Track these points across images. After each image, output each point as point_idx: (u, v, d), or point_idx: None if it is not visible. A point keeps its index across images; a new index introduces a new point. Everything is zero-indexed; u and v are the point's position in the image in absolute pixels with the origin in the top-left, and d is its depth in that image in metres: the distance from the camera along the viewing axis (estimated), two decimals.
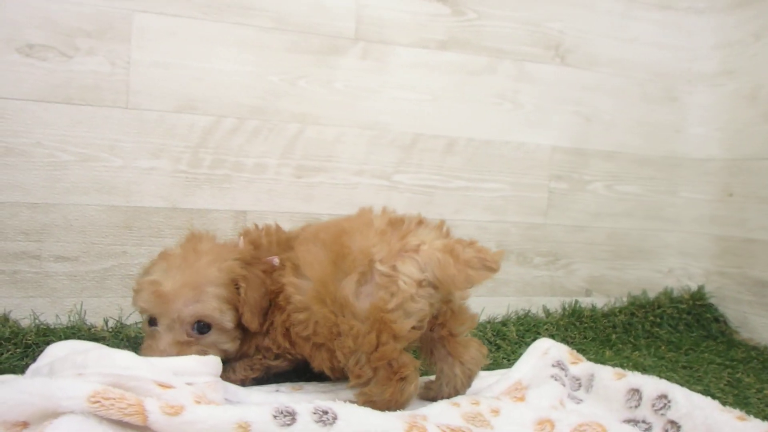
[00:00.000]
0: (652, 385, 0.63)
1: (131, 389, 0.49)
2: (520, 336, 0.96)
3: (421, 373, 0.63)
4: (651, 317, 1.09)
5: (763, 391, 0.79)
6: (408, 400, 0.61)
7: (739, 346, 1.03)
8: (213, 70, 0.90)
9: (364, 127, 0.99)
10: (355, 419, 0.49)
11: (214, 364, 0.60)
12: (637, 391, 0.64)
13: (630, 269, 1.17)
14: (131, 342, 0.79)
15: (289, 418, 0.48)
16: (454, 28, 1.03)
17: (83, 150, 0.85)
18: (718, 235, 1.15)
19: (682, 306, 1.11)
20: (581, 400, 0.68)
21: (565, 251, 1.12)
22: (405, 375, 0.59)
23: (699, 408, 0.59)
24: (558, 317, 1.06)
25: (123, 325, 0.85)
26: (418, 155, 1.02)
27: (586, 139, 1.13)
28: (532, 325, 1.00)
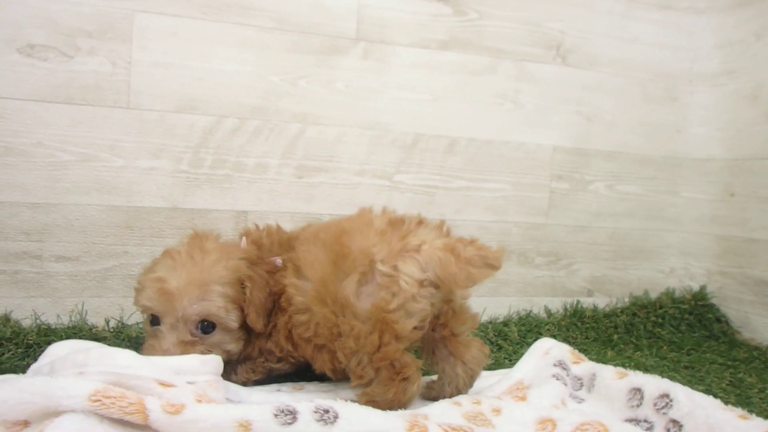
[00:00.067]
0: (653, 384, 0.63)
1: (132, 388, 0.49)
2: (521, 336, 0.96)
3: (422, 373, 0.63)
4: (653, 317, 1.09)
5: (765, 391, 0.79)
6: (410, 400, 0.61)
7: (741, 346, 1.03)
8: (214, 70, 0.91)
9: (365, 127, 0.99)
10: (356, 418, 0.49)
11: (215, 363, 0.59)
12: (638, 390, 0.64)
13: (631, 269, 1.17)
14: (132, 342, 0.79)
15: (290, 416, 0.48)
16: (455, 28, 1.03)
17: (84, 150, 0.86)
18: (720, 235, 1.15)
19: (683, 306, 1.11)
20: (583, 400, 0.68)
21: (566, 251, 1.12)
22: (407, 375, 0.59)
23: (701, 407, 0.58)
24: (559, 317, 1.06)
25: (124, 325, 0.85)
26: (419, 155, 1.02)
27: (587, 139, 1.13)
28: (533, 326, 1.00)
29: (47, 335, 0.77)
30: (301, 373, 0.72)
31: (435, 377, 0.68)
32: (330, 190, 0.98)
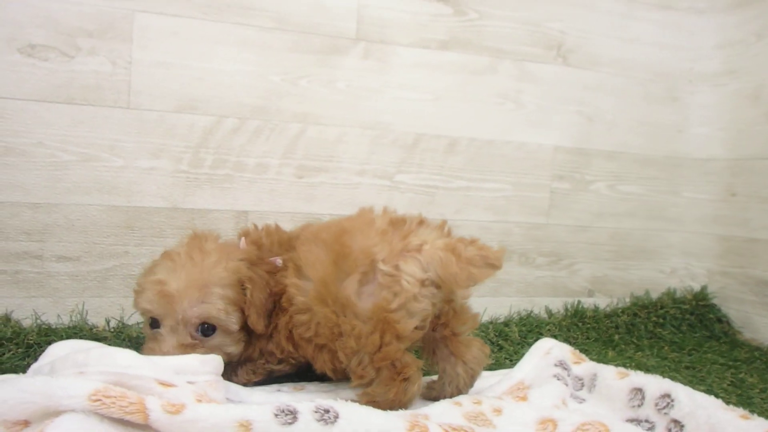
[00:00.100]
0: (655, 384, 0.63)
1: (132, 388, 0.49)
2: (522, 336, 0.96)
3: (423, 373, 0.63)
4: (654, 318, 1.08)
5: (767, 391, 0.78)
6: (411, 401, 0.61)
7: (743, 347, 1.03)
8: (214, 70, 0.91)
9: (365, 127, 0.99)
10: (357, 418, 0.49)
11: (215, 363, 0.59)
12: (639, 390, 0.64)
13: (633, 269, 1.17)
14: (133, 342, 0.79)
15: (290, 416, 0.48)
16: (455, 28, 1.03)
17: (84, 150, 0.85)
18: (721, 235, 1.15)
19: (685, 306, 1.11)
20: (584, 400, 0.68)
21: (567, 251, 1.12)
22: (408, 375, 0.59)
23: (702, 407, 0.58)
24: (560, 318, 1.06)
25: (125, 325, 0.85)
26: (419, 155, 1.02)
27: (588, 139, 1.13)
28: (534, 326, 1.00)
29: (48, 335, 0.77)
30: (302, 373, 0.72)
31: (435, 377, 0.68)
32: (330, 190, 0.98)
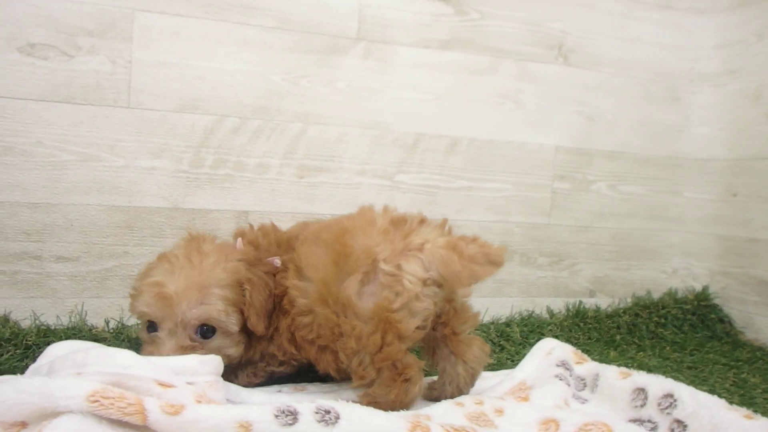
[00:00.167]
0: (657, 384, 0.63)
1: (131, 388, 0.48)
2: (524, 337, 0.95)
3: (424, 373, 0.62)
4: (655, 318, 1.08)
5: None
6: (412, 401, 0.60)
7: (744, 347, 1.03)
8: (215, 69, 0.90)
9: (366, 127, 0.99)
10: (358, 419, 0.49)
11: (215, 363, 0.59)
12: (642, 390, 0.63)
13: (634, 270, 1.17)
14: (132, 343, 0.79)
15: (290, 417, 0.47)
16: (456, 27, 1.03)
17: (84, 150, 0.85)
18: (722, 235, 1.15)
19: (686, 306, 1.11)
20: (586, 400, 0.68)
21: (568, 251, 1.12)
22: (409, 376, 0.59)
23: (705, 407, 0.58)
24: (562, 318, 1.05)
25: (124, 325, 0.85)
26: (420, 155, 1.02)
27: (588, 139, 1.12)
28: (536, 326, 1.00)
29: (46, 336, 0.77)
30: (303, 373, 0.72)
31: (436, 378, 0.68)
32: (331, 190, 0.98)
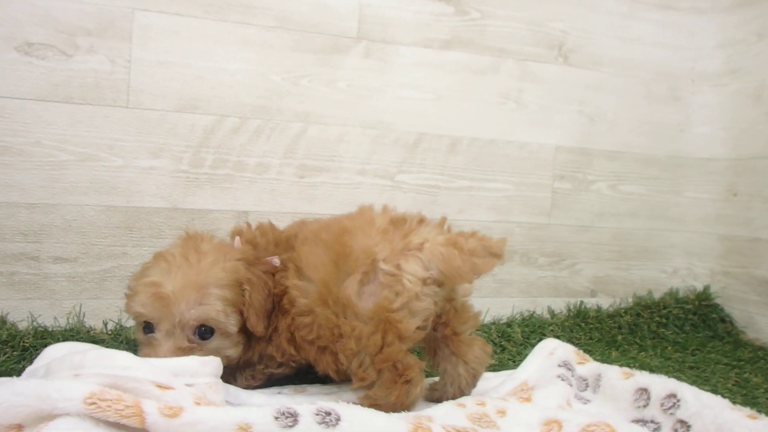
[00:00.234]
0: (660, 384, 0.62)
1: (129, 390, 0.48)
2: (525, 337, 0.95)
3: (425, 374, 0.62)
4: (657, 318, 1.08)
5: None
6: (414, 403, 0.60)
7: (746, 347, 1.02)
8: (215, 69, 0.90)
9: (366, 127, 0.98)
10: (358, 420, 0.48)
11: (214, 364, 0.58)
12: (645, 390, 0.63)
13: (635, 269, 1.16)
14: (131, 345, 0.78)
15: (290, 419, 0.47)
16: (457, 27, 1.03)
17: (83, 149, 0.85)
18: (723, 235, 1.14)
19: (687, 306, 1.10)
20: (588, 401, 0.67)
21: (569, 251, 1.11)
22: (410, 377, 0.58)
23: (709, 407, 0.57)
24: (563, 318, 1.05)
25: (122, 327, 0.84)
26: (421, 155, 1.02)
27: (589, 139, 1.12)
28: (537, 326, 0.99)
29: (44, 338, 0.76)
30: (302, 374, 0.71)
31: (437, 379, 0.67)
32: (332, 190, 0.97)
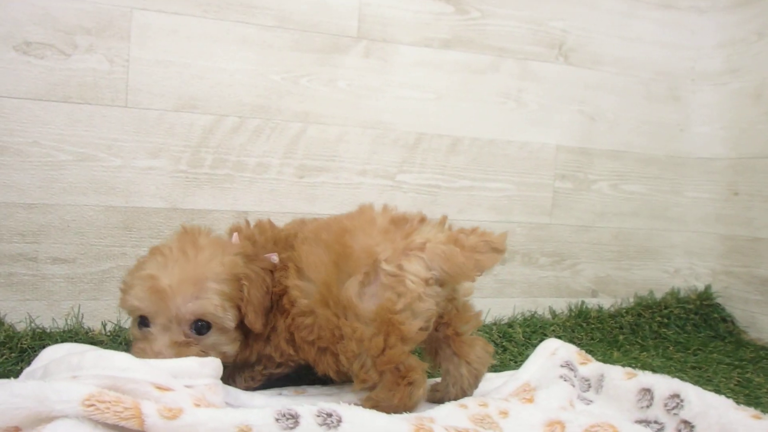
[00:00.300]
0: (664, 384, 0.62)
1: (128, 392, 0.47)
2: (526, 338, 0.94)
3: (428, 375, 0.61)
4: (658, 318, 1.07)
5: None
6: (416, 405, 0.59)
7: (748, 346, 1.02)
8: (214, 68, 0.89)
9: (367, 126, 0.98)
10: (360, 422, 0.48)
11: (214, 366, 0.57)
12: (648, 390, 0.63)
13: (636, 269, 1.16)
14: (130, 346, 0.77)
15: (291, 421, 0.46)
16: (457, 26, 1.02)
17: (81, 149, 0.84)
18: (724, 235, 1.14)
19: (689, 306, 1.10)
20: (591, 401, 0.67)
21: (570, 251, 1.11)
22: (413, 379, 0.58)
23: (713, 407, 0.57)
24: (564, 318, 1.05)
25: (121, 328, 0.84)
26: (421, 155, 1.01)
27: (590, 139, 1.12)
28: (538, 327, 0.99)
29: (42, 339, 0.76)
30: (303, 376, 0.70)
31: (439, 380, 0.67)
32: (332, 190, 0.97)
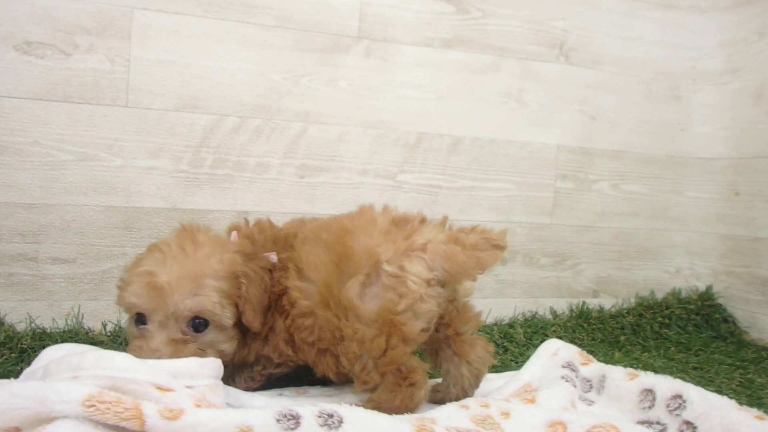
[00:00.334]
0: (666, 385, 0.62)
1: (128, 392, 0.47)
2: (527, 338, 0.94)
3: (428, 376, 0.61)
4: (659, 318, 1.07)
5: None
6: (418, 406, 0.59)
7: (749, 347, 1.02)
8: (215, 68, 0.89)
9: (367, 126, 0.98)
10: (361, 422, 0.48)
11: (214, 366, 0.57)
12: (650, 391, 0.62)
13: (637, 269, 1.16)
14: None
15: (292, 421, 0.46)
16: (458, 26, 1.02)
17: (82, 149, 0.84)
18: (725, 235, 1.14)
19: (690, 306, 1.10)
20: (593, 402, 0.66)
21: (571, 251, 1.11)
22: (414, 380, 0.57)
23: (715, 408, 0.57)
24: (565, 319, 1.04)
25: (121, 328, 0.84)
26: (422, 154, 1.01)
27: (591, 138, 1.12)
28: (539, 327, 0.99)
29: (42, 339, 0.75)
30: (304, 376, 0.70)
31: (440, 380, 0.66)
32: (332, 190, 0.97)
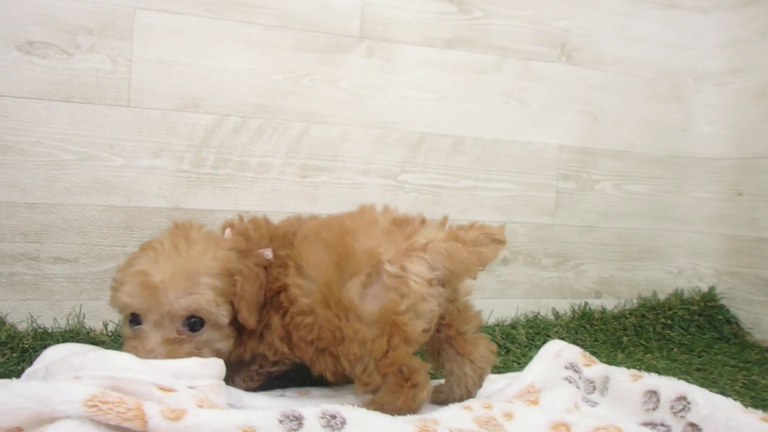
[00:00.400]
0: (670, 386, 0.62)
1: (130, 393, 0.47)
2: (529, 339, 0.94)
3: (430, 377, 0.61)
4: (662, 319, 1.07)
5: None
6: (420, 407, 0.59)
7: (753, 348, 1.01)
8: (217, 68, 0.89)
9: (369, 126, 0.98)
10: (364, 423, 0.48)
11: (216, 366, 0.57)
12: (654, 392, 0.62)
13: (639, 270, 1.15)
14: None
15: (295, 422, 0.46)
16: (460, 26, 1.02)
17: (83, 149, 0.84)
18: (728, 235, 1.13)
19: (693, 307, 1.09)
20: (596, 403, 0.66)
21: (573, 252, 1.11)
22: (417, 381, 0.57)
23: (720, 409, 0.57)
24: (568, 319, 1.04)
25: None
26: (424, 154, 1.01)
27: (593, 138, 1.11)
28: (541, 328, 0.98)
29: (43, 339, 0.75)
30: (305, 376, 0.70)
31: (442, 381, 0.66)
32: (334, 190, 0.96)
